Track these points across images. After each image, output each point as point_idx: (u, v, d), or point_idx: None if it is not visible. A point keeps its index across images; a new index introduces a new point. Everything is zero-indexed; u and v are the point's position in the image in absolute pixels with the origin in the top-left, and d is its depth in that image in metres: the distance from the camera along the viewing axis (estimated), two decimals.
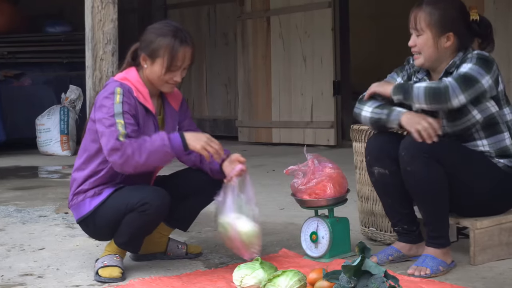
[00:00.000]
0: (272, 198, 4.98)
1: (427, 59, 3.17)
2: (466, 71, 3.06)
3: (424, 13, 3.15)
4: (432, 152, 3.00)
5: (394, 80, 3.32)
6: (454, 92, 2.99)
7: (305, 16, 8.20)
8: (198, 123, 10.04)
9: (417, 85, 3.07)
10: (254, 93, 8.84)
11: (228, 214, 3.09)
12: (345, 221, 3.41)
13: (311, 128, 8.19)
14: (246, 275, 2.89)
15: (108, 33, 3.79)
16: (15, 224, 4.39)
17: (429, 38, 3.14)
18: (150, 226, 3.20)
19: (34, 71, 9.16)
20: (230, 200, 3.11)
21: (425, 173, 3.02)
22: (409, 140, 3.05)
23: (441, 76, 3.18)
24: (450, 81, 3.01)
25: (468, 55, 3.14)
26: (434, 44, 3.14)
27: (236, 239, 3.09)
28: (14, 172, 6.99)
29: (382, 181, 3.23)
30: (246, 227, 3.09)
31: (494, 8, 6.55)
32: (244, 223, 3.09)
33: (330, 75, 8.00)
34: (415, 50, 3.19)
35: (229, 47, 9.48)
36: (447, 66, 3.17)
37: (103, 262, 3.16)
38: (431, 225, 3.10)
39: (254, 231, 3.10)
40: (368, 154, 3.26)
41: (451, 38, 3.15)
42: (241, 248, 3.12)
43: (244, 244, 3.10)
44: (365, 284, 2.57)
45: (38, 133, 8.41)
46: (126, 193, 3.11)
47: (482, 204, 3.19)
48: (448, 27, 3.14)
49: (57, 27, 9.61)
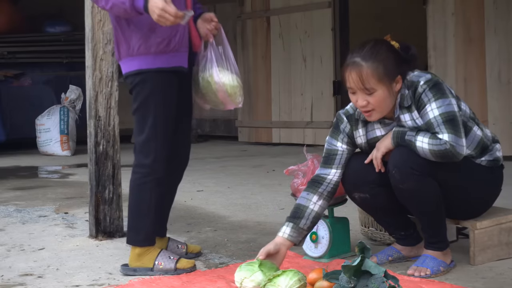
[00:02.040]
0: (272, 198, 4.98)
1: (385, 111, 3.04)
2: (442, 114, 2.95)
3: (368, 70, 2.95)
4: (423, 169, 2.97)
5: (335, 147, 3.18)
6: (459, 144, 2.93)
7: (305, 16, 8.20)
8: (198, 123, 10.07)
9: (419, 144, 2.94)
10: (254, 93, 8.84)
11: (211, 68, 3.15)
12: (345, 221, 3.41)
13: (311, 128, 8.19)
14: (245, 278, 2.88)
15: (108, 33, 3.79)
16: (15, 224, 4.39)
17: (384, 91, 2.98)
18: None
19: (34, 71, 9.18)
20: (211, 55, 3.17)
21: (419, 190, 2.99)
22: (398, 157, 2.99)
23: (397, 114, 3.05)
24: (450, 138, 2.92)
25: (419, 89, 3.00)
26: (389, 95, 3.00)
27: (221, 90, 3.14)
28: (14, 172, 7.00)
29: (365, 204, 3.24)
30: (230, 79, 3.15)
31: (494, 8, 6.56)
32: (227, 75, 3.15)
33: (330, 75, 8.01)
34: (369, 108, 3.02)
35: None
36: (398, 101, 3.04)
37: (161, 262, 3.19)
38: (429, 232, 3.10)
39: (238, 82, 3.17)
40: (345, 183, 3.21)
41: (399, 80, 3.02)
42: (225, 100, 3.17)
43: (228, 95, 3.15)
44: (365, 284, 2.57)
45: (38, 133, 8.41)
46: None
47: (476, 204, 3.18)
48: (394, 72, 3.00)
49: (57, 27, 9.63)
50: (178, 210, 4.64)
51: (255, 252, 3.50)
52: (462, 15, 6.75)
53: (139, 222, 3.21)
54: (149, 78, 3.11)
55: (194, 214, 4.52)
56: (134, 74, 3.14)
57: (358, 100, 3.01)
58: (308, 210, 3.09)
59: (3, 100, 8.68)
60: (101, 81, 3.82)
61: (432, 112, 2.97)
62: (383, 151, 3.06)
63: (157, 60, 3.09)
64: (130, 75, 3.15)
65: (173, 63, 3.12)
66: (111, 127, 3.85)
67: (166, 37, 3.09)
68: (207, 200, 5.00)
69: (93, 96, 3.84)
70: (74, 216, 4.54)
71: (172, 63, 3.12)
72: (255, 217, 4.38)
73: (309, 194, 3.12)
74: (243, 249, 3.60)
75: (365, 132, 3.16)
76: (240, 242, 3.74)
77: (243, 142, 8.97)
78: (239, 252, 3.54)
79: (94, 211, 3.86)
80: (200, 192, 5.36)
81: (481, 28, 6.62)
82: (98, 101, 3.84)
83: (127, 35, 3.11)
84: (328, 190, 3.14)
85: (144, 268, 3.19)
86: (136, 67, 3.12)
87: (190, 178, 6.12)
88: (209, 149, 8.53)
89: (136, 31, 3.08)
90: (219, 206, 4.79)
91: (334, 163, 3.16)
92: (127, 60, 3.14)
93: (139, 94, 3.15)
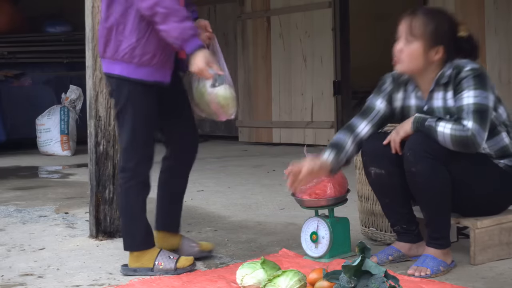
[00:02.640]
0: (272, 198, 4.98)
1: (410, 67, 3.14)
2: (476, 104, 3.00)
3: (419, 22, 3.11)
4: (437, 154, 3.00)
5: (373, 104, 3.29)
6: (480, 136, 2.98)
7: (305, 16, 8.20)
8: (198, 123, 10.06)
9: (440, 129, 3.00)
10: (254, 93, 8.84)
11: (204, 79, 3.17)
12: (345, 221, 3.41)
13: (311, 128, 8.19)
14: (246, 275, 2.89)
15: None
16: (15, 224, 4.39)
17: (419, 48, 3.10)
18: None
19: (34, 71, 9.18)
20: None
21: (429, 175, 3.01)
22: (414, 140, 3.04)
23: (432, 88, 3.14)
24: (473, 127, 2.96)
25: (462, 73, 3.07)
26: (423, 54, 3.10)
27: (213, 102, 3.17)
28: (14, 172, 7.00)
29: (379, 181, 3.23)
30: (223, 90, 3.17)
31: (494, 8, 6.56)
32: (221, 86, 3.17)
33: (330, 75, 8.00)
34: (400, 56, 3.14)
35: (229, 47, 9.48)
36: (436, 77, 3.12)
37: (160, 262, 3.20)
38: (433, 225, 3.10)
39: (231, 93, 3.19)
40: (364, 155, 3.26)
41: (440, 51, 3.11)
42: (218, 111, 3.20)
43: (221, 106, 3.18)
44: (365, 284, 2.57)
45: (38, 133, 8.41)
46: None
47: (483, 203, 3.19)
48: (439, 40, 3.10)
49: (57, 27, 9.62)
50: None
51: (255, 252, 3.52)
52: (462, 15, 6.75)
53: (131, 227, 3.22)
54: (126, 86, 3.15)
55: (194, 214, 4.52)
56: (113, 77, 3.19)
57: (398, 44, 3.15)
58: (346, 148, 3.24)
59: (3, 100, 8.68)
60: (101, 81, 3.82)
61: (467, 99, 3.02)
62: (402, 135, 3.11)
63: (138, 71, 3.14)
64: (110, 76, 3.21)
65: (154, 77, 3.16)
66: (112, 127, 3.84)
67: (151, 51, 3.13)
68: (207, 200, 5.00)
69: (93, 96, 3.84)
70: (75, 216, 4.54)
71: (153, 77, 3.16)
72: (255, 217, 4.38)
73: (345, 136, 3.26)
74: (243, 249, 3.60)
75: (403, 97, 3.27)
76: (240, 242, 3.74)
77: (243, 142, 8.97)
78: (239, 252, 3.54)
79: (94, 211, 3.86)
80: (200, 192, 5.36)
81: (481, 28, 6.62)
82: (98, 101, 3.84)
83: (119, 38, 3.14)
84: (357, 141, 3.25)
85: (144, 268, 3.19)
86: (117, 72, 3.16)
87: (190, 178, 6.09)
88: (209, 149, 8.53)
89: (128, 38, 3.12)
90: (219, 206, 4.79)
91: (367, 118, 3.29)
92: (110, 61, 3.18)
93: (116, 100, 3.22)
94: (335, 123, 7.98)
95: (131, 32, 3.11)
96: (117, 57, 3.14)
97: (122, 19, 3.13)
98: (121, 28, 3.13)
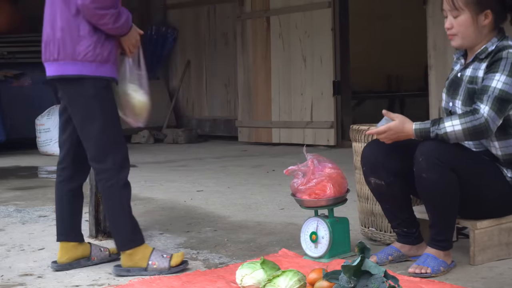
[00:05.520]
0: (272, 198, 4.98)
1: (465, 39, 3.13)
2: (501, 91, 2.99)
3: None
4: (448, 161, 3.00)
5: (452, 70, 3.28)
6: (494, 122, 2.98)
7: (305, 16, 8.20)
8: (198, 123, 10.07)
9: (450, 129, 2.98)
10: (254, 93, 8.84)
11: (126, 83, 3.30)
12: (345, 221, 3.41)
13: (311, 128, 8.19)
14: (245, 275, 2.89)
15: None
16: (15, 224, 4.39)
17: (468, 17, 3.09)
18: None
19: (34, 71, 9.15)
20: (127, 72, 3.32)
21: (440, 182, 3.00)
22: (427, 146, 3.02)
23: (471, 60, 3.15)
24: (489, 113, 2.97)
25: (503, 53, 3.06)
26: (473, 22, 3.10)
27: (128, 106, 3.30)
28: (14, 172, 7.00)
29: (379, 191, 3.25)
30: (139, 98, 3.31)
31: None
32: (139, 94, 3.31)
33: (330, 75, 8.00)
34: (453, 32, 3.14)
35: (229, 47, 9.49)
36: (478, 50, 3.13)
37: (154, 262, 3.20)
38: (437, 228, 3.10)
39: (146, 103, 3.33)
40: (364, 165, 3.25)
41: (489, 15, 3.10)
42: (131, 116, 3.32)
43: (134, 113, 3.31)
44: (365, 284, 2.57)
45: (38, 133, 8.41)
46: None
47: (484, 210, 3.19)
48: (485, 4, 3.09)
49: None
50: (178, 210, 4.65)
51: (255, 252, 3.51)
52: None
53: (119, 226, 3.23)
54: (91, 84, 3.17)
55: (194, 214, 4.52)
56: (72, 79, 3.18)
57: (446, 22, 3.14)
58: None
59: (3, 100, 8.67)
60: None
61: (496, 82, 3.02)
62: (398, 140, 3.08)
63: (101, 69, 3.17)
64: (66, 78, 3.20)
65: (112, 74, 3.23)
66: None
67: (111, 47, 3.20)
68: (207, 200, 5.00)
69: None
70: None
71: (111, 73, 3.22)
72: (255, 217, 4.38)
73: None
74: (243, 249, 3.60)
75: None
76: (240, 242, 3.74)
77: (243, 142, 8.97)
78: (239, 252, 3.54)
79: (94, 211, 3.87)
80: (200, 192, 5.36)
81: None
82: None
83: (75, 39, 3.16)
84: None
85: (138, 268, 3.19)
86: (78, 72, 3.16)
87: (190, 178, 6.13)
88: (209, 149, 8.53)
89: (87, 37, 3.15)
90: (219, 206, 4.79)
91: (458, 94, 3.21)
92: (68, 63, 3.18)
93: (77, 100, 3.20)
94: (334, 123, 7.98)
95: (90, 30, 3.14)
96: (76, 58, 3.16)
97: (75, 20, 3.17)
98: (78, 28, 3.16)
